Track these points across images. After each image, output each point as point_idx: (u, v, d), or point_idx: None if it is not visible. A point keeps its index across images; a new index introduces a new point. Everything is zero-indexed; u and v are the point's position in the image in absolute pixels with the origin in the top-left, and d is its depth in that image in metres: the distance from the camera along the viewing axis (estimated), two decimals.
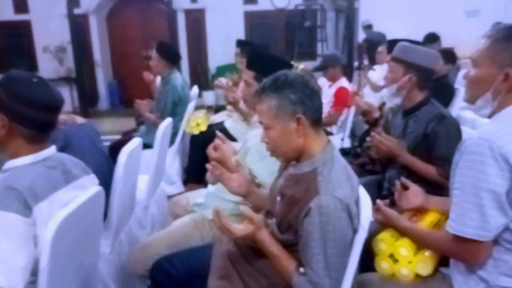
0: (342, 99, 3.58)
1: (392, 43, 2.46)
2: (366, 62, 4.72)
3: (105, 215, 1.87)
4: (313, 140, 1.25)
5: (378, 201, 1.43)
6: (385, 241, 1.37)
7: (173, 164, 3.48)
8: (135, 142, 2.00)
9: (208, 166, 1.49)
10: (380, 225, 1.48)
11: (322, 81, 3.82)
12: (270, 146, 1.28)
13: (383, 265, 1.38)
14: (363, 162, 2.45)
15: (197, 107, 4.06)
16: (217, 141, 1.69)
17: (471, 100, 1.26)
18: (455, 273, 1.26)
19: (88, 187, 1.39)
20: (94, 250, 1.53)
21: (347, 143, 3.34)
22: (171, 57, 3.39)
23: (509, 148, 1.05)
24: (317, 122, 1.25)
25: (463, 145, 1.14)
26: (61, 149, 1.57)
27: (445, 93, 3.13)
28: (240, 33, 7.80)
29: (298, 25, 7.84)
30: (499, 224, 1.08)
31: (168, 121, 2.50)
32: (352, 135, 3.54)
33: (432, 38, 4.44)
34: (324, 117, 3.74)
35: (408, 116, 1.99)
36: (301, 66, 4.51)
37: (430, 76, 1.95)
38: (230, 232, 1.21)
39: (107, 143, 3.43)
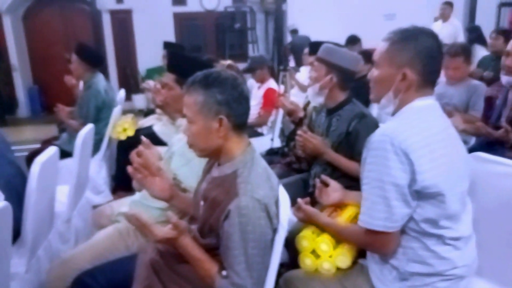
0: (270, 100, 3.64)
1: (313, 45, 2.56)
2: (292, 63, 4.86)
3: (19, 231, 1.74)
4: (234, 143, 1.25)
5: (299, 200, 1.47)
6: (307, 238, 1.41)
7: (100, 172, 3.31)
8: (51, 151, 1.87)
9: (129, 169, 1.44)
10: (303, 222, 1.52)
11: (251, 83, 3.86)
12: (189, 139, 1.28)
13: (307, 261, 1.41)
14: (290, 161, 2.51)
15: (128, 111, 3.90)
16: (140, 147, 1.64)
17: (376, 99, 1.33)
18: (371, 263, 1.33)
19: None
20: (3, 271, 1.41)
21: (277, 143, 3.41)
22: (92, 60, 3.22)
23: (408, 143, 1.12)
24: (241, 126, 1.26)
25: (369, 142, 1.21)
26: None
27: (365, 92, 3.27)
28: (170, 35, 7.67)
29: (228, 27, 7.88)
30: (403, 214, 1.16)
31: (89, 127, 2.37)
32: (282, 135, 3.62)
33: (353, 40, 4.69)
34: (254, 118, 3.79)
35: (331, 115, 2.07)
36: (227, 62, 4.56)
37: (351, 77, 2.03)
38: (151, 232, 1.18)
39: (24, 153, 3.20)
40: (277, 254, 1.20)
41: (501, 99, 2.20)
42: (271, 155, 2.85)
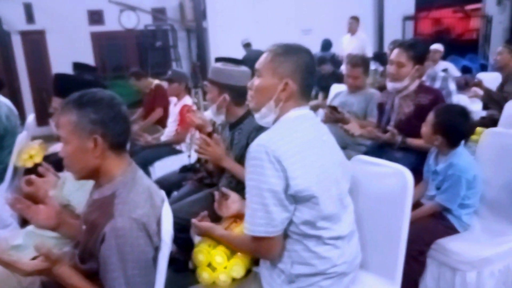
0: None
1: (218, 61, 2.60)
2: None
3: None
4: (112, 163, 1.23)
5: (193, 220, 1.48)
6: (203, 252, 1.43)
7: (6, 204, 3.06)
8: None
9: (8, 201, 1.36)
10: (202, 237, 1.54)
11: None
12: (65, 160, 1.25)
13: (204, 275, 1.43)
14: (202, 177, 2.52)
15: (45, 137, 3.68)
16: (32, 176, 1.59)
17: (256, 108, 1.38)
18: (263, 269, 1.38)
19: None
20: None
21: (194, 159, 3.39)
22: None
23: (281, 152, 1.19)
24: (119, 146, 1.24)
25: (248, 152, 1.26)
26: None
27: None
28: (88, 55, 7.43)
29: (150, 45, 7.82)
30: (283, 218, 1.22)
31: None
32: None
33: None
34: (172, 135, 3.77)
35: (234, 129, 2.12)
36: (155, 82, 4.51)
37: (244, 92, 2.09)
38: (17, 269, 1.11)
39: None
40: (162, 271, 1.19)
41: (389, 104, 2.40)
42: (184, 172, 2.84)
